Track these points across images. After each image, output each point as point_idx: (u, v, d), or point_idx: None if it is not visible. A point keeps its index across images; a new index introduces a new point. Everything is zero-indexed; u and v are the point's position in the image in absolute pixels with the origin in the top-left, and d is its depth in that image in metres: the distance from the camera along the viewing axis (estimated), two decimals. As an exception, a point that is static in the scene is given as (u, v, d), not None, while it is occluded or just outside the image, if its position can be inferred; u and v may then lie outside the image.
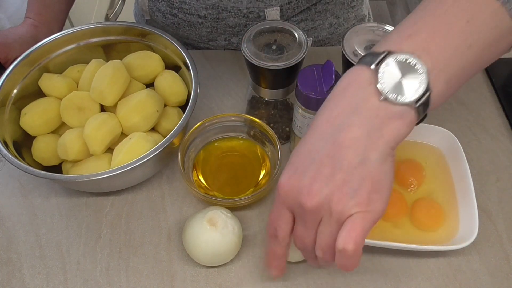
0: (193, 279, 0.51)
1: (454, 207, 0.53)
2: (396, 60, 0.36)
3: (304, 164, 0.37)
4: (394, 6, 2.21)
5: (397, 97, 0.36)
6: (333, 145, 0.36)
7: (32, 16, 0.70)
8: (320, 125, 0.38)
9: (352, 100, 0.37)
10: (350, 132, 0.36)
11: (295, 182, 0.38)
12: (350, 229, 0.36)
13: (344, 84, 0.38)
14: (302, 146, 0.39)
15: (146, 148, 0.51)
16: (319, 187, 0.36)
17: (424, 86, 0.36)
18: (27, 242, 0.54)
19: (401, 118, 0.36)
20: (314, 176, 0.37)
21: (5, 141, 0.54)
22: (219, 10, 0.67)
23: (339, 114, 0.37)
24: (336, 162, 0.36)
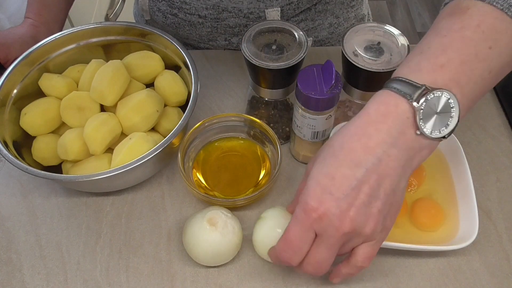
0: (193, 279, 0.51)
1: (454, 207, 0.53)
2: (434, 96, 0.37)
3: (341, 189, 0.38)
4: (394, 6, 2.21)
5: (432, 132, 0.38)
6: (375, 174, 0.38)
7: (32, 16, 0.70)
8: (356, 151, 0.38)
9: (391, 131, 0.38)
10: (389, 163, 0.38)
11: (331, 206, 0.38)
12: (370, 250, 0.41)
13: (382, 111, 0.39)
14: (335, 169, 0.39)
15: (146, 148, 0.51)
16: (356, 213, 0.38)
17: (455, 120, 0.38)
18: (27, 242, 0.54)
19: (429, 147, 0.39)
20: (351, 202, 0.38)
21: (5, 141, 0.54)
22: (220, 10, 0.67)
23: (379, 144, 0.38)
24: (374, 191, 0.38)
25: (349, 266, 0.42)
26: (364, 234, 0.39)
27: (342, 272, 0.44)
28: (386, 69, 0.49)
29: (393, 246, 0.49)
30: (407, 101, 0.38)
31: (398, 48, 0.51)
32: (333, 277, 0.45)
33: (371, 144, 0.38)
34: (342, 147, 0.39)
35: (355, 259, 0.41)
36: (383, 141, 0.38)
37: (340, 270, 0.44)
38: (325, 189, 0.38)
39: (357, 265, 0.41)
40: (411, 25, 2.10)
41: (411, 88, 0.38)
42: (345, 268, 0.43)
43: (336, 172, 0.38)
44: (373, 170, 0.38)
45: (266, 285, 0.50)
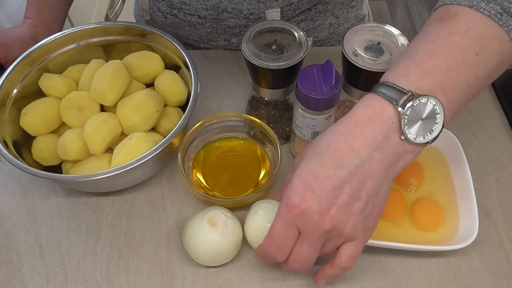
0: (193, 279, 0.51)
1: (454, 207, 0.53)
2: (420, 102, 0.38)
3: (323, 188, 0.39)
4: (394, 6, 2.21)
5: (417, 138, 0.39)
6: (357, 176, 0.39)
7: (31, 16, 0.70)
8: (341, 152, 0.39)
9: (376, 135, 0.39)
10: (372, 166, 0.39)
11: (313, 204, 0.39)
12: (352, 252, 0.42)
13: (368, 114, 0.39)
14: (319, 167, 0.39)
15: (146, 148, 0.51)
16: (337, 212, 0.39)
17: (440, 127, 0.39)
18: (27, 242, 0.54)
19: (414, 152, 0.40)
20: (333, 201, 0.39)
21: (5, 141, 0.54)
22: (219, 11, 0.67)
23: (363, 146, 0.39)
24: (356, 192, 0.39)
25: (333, 267, 0.43)
26: (345, 232, 0.40)
27: (326, 274, 0.44)
28: (386, 69, 0.49)
29: (393, 246, 0.49)
30: (393, 106, 0.38)
31: (398, 48, 0.51)
32: (318, 279, 0.46)
33: (356, 146, 0.39)
34: (328, 147, 0.40)
35: (339, 260, 0.42)
36: (368, 144, 0.38)
37: (325, 272, 0.45)
38: (308, 186, 0.39)
39: (340, 266, 0.42)
40: (411, 25, 2.10)
41: (398, 93, 0.38)
42: (329, 269, 0.44)
43: (320, 170, 0.39)
44: (356, 172, 0.38)
45: (266, 285, 0.50)
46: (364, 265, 0.51)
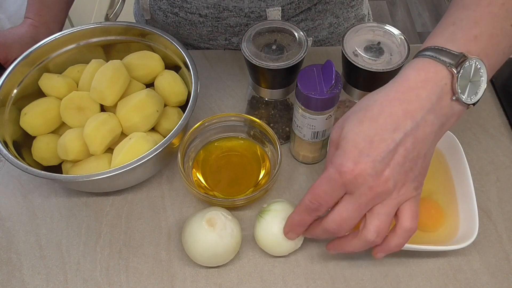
0: (193, 279, 0.51)
1: (454, 207, 0.53)
2: (470, 64, 0.40)
3: (379, 151, 0.39)
4: (394, 6, 2.21)
5: (466, 99, 0.40)
6: (411, 138, 0.39)
7: (31, 16, 0.70)
8: (396, 115, 0.40)
9: (430, 97, 0.40)
10: (425, 128, 0.40)
11: (368, 167, 0.39)
12: (412, 211, 0.42)
13: (422, 77, 0.40)
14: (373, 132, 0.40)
15: (146, 148, 0.51)
16: (391, 173, 0.40)
17: (483, 88, 0.41)
18: (27, 242, 0.54)
19: (458, 115, 0.42)
20: (388, 163, 0.39)
21: (5, 141, 0.54)
22: (221, 9, 0.67)
23: (418, 109, 0.40)
24: (409, 153, 0.40)
25: (397, 234, 0.42)
26: (400, 194, 0.41)
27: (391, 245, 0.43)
28: (386, 69, 0.49)
29: (393, 246, 0.48)
30: (446, 67, 0.40)
31: (398, 48, 0.51)
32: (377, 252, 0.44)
33: (411, 109, 0.39)
34: (381, 111, 0.40)
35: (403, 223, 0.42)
36: (422, 106, 0.39)
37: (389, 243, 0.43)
38: (362, 151, 0.39)
39: (406, 229, 0.42)
40: (411, 25, 2.10)
41: (450, 56, 0.40)
42: (393, 238, 0.43)
43: (375, 135, 0.40)
44: (411, 134, 0.39)
45: (266, 285, 0.50)
46: (364, 265, 0.51)
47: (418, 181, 0.42)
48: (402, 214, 0.42)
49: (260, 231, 0.50)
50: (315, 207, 0.43)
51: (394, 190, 0.40)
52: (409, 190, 0.41)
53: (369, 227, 0.42)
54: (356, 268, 0.51)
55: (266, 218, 0.49)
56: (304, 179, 0.58)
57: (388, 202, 0.41)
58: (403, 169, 0.40)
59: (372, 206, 0.41)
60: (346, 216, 0.42)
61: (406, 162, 0.40)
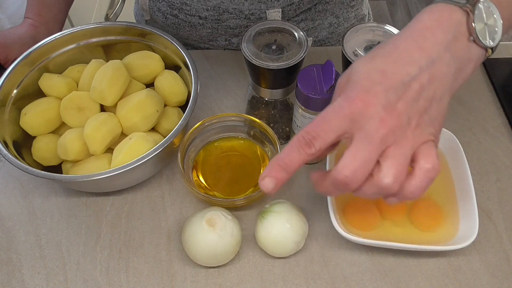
0: (193, 279, 0.51)
1: (454, 207, 0.53)
2: (483, 5, 0.39)
3: (392, 82, 0.36)
4: (394, 6, 2.21)
5: (483, 40, 0.39)
6: (427, 74, 0.37)
7: (31, 16, 0.70)
8: (411, 51, 0.38)
9: (445, 36, 0.38)
10: (442, 67, 0.37)
11: (381, 96, 0.36)
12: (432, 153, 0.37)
13: (436, 17, 0.39)
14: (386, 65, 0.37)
15: (146, 148, 0.51)
16: (405, 108, 0.36)
17: (500, 32, 0.40)
18: (27, 242, 0.54)
19: (476, 61, 0.39)
20: (401, 96, 0.36)
21: (5, 141, 0.54)
22: (220, 11, 0.67)
23: (433, 46, 0.38)
24: (424, 90, 0.37)
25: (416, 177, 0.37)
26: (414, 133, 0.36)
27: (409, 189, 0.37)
28: (386, 69, 0.49)
29: (393, 246, 0.48)
30: (460, 8, 0.38)
31: (398, 48, 0.51)
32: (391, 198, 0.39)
33: (427, 45, 0.38)
34: (396, 47, 0.38)
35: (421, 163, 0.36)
36: (438, 43, 0.38)
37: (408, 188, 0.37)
38: (375, 81, 0.36)
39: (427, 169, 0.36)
40: (411, 25, 2.10)
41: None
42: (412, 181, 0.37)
43: (388, 68, 0.37)
44: (426, 70, 0.37)
45: (266, 285, 0.50)
46: (364, 265, 0.51)
47: (434, 127, 0.38)
48: (421, 156, 0.37)
49: (261, 232, 0.50)
50: (308, 138, 0.36)
51: (408, 127, 0.36)
52: (424, 132, 0.37)
53: (385, 169, 0.36)
54: (356, 268, 0.51)
55: (267, 219, 0.49)
56: (304, 179, 0.58)
57: (403, 143, 0.36)
58: (418, 107, 0.36)
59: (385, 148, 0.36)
60: (359, 160, 0.35)
61: (421, 100, 0.36)
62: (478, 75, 0.69)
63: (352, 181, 0.36)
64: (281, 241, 0.49)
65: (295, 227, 0.49)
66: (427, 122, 0.37)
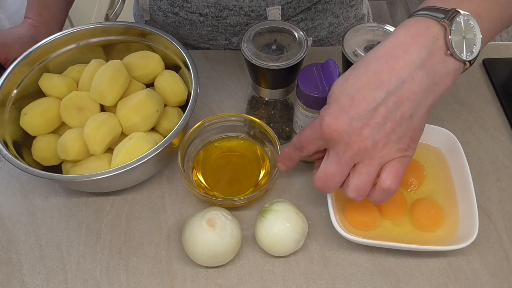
0: (193, 279, 0.51)
1: (454, 207, 0.53)
2: (462, 19, 0.39)
3: (358, 110, 0.39)
4: (394, 6, 2.21)
5: (461, 54, 0.39)
6: (394, 97, 0.38)
7: (31, 16, 0.70)
8: (381, 73, 0.39)
9: (420, 52, 0.38)
10: (411, 87, 0.38)
11: (345, 124, 0.39)
12: (393, 171, 0.41)
13: (411, 32, 0.39)
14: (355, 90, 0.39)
15: (146, 148, 0.51)
16: (370, 132, 0.39)
17: (478, 47, 0.40)
18: (27, 242, 0.54)
19: (454, 74, 0.40)
20: (366, 122, 0.39)
21: (5, 141, 0.54)
22: (221, 8, 0.68)
23: (405, 65, 0.38)
24: (390, 113, 0.39)
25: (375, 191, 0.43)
26: (381, 154, 0.40)
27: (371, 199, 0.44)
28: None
29: (393, 246, 0.48)
30: (438, 22, 0.39)
31: (398, 48, 0.51)
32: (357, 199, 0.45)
33: (397, 66, 0.39)
34: (367, 69, 0.40)
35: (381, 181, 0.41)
36: (411, 62, 0.38)
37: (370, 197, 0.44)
38: (342, 108, 0.40)
39: (384, 187, 0.41)
40: (411, 25, 2.10)
41: (441, 11, 0.39)
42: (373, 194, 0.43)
43: (357, 93, 0.39)
44: (394, 93, 0.38)
45: (266, 285, 0.50)
46: (364, 265, 0.51)
47: (404, 142, 0.40)
48: (383, 174, 0.41)
49: (261, 231, 0.50)
50: (298, 147, 0.45)
51: (373, 149, 0.40)
52: (391, 151, 0.40)
53: (350, 185, 0.42)
54: (356, 268, 0.51)
55: (268, 218, 0.49)
56: (304, 179, 0.58)
57: (369, 162, 0.41)
58: (384, 129, 0.39)
59: (354, 165, 0.41)
60: (329, 173, 0.42)
61: (387, 122, 0.39)
62: (478, 75, 0.69)
63: (326, 190, 0.44)
64: (281, 240, 0.49)
65: (295, 226, 0.49)
66: (395, 141, 0.40)
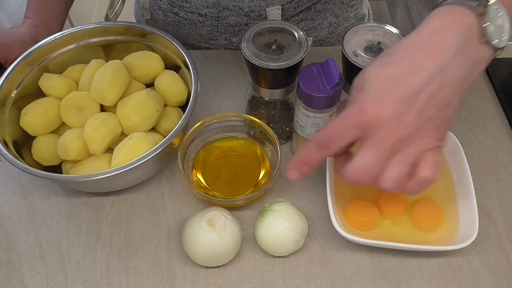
0: (193, 279, 0.51)
1: (454, 207, 0.53)
2: (493, 7, 0.39)
3: (402, 94, 0.38)
4: (394, 6, 2.21)
5: (495, 41, 0.39)
6: (436, 82, 0.38)
7: (31, 16, 0.70)
8: (421, 58, 0.38)
9: (456, 40, 0.38)
10: (453, 71, 0.38)
11: (390, 108, 0.37)
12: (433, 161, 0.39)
13: (447, 20, 0.39)
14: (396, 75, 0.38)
15: (146, 148, 0.51)
16: (413, 118, 0.38)
17: (508, 32, 0.40)
18: (27, 242, 0.54)
19: (486, 61, 0.40)
20: (410, 107, 0.38)
21: (5, 141, 0.54)
22: (220, 8, 0.68)
23: (445, 51, 0.38)
24: (432, 99, 0.38)
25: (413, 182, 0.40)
26: (418, 142, 0.39)
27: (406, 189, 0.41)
28: (386, 69, 0.49)
29: (393, 246, 0.49)
30: (472, 10, 0.38)
31: (398, 48, 0.51)
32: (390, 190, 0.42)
33: (438, 51, 0.38)
34: (406, 54, 0.39)
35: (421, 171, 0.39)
36: (449, 48, 0.38)
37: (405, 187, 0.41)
38: (385, 93, 0.38)
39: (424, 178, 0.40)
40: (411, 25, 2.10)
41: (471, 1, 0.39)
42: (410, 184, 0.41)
43: (398, 78, 0.38)
44: (435, 78, 0.38)
45: (266, 285, 0.50)
46: (364, 265, 0.51)
47: (441, 131, 0.40)
48: (423, 163, 0.39)
49: (261, 231, 0.50)
50: (325, 142, 0.41)
51: (415, 136, 0.38)
52: (431, 139, 0.39)
53: (387, 176, 0.39)
54: (356, 268, 0.51)
55: (267, 218, 0.49)
56: (304, 179, 0.58)
57: (408, 151, 0.39)
58: (426, 115, 0.38)
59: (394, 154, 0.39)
60: (367, 164, 0.39)
61: (430, 108, 0.38)
62: (478, 75, 0.69)
63: (358, 182, 0.40)
64: (281, 240, 0.49)
65: (295, 225, 0.49)
66: (433, 129, 0.39)
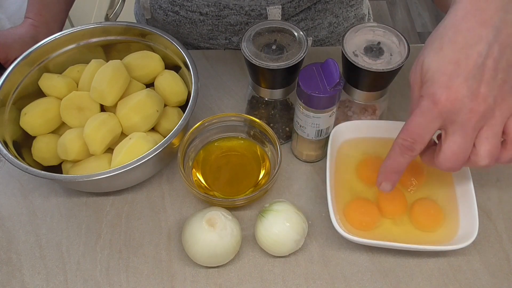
0: (193, 279, 0.51)
1: (454, 207, 0.53)
2: None
3: (468, 69, 0.37)
4: (394, 6, 2.21)
5: None
6: (496, 46, 0.37)
7: (32, 16, 0.70)
8: (474, 29, 0.38)
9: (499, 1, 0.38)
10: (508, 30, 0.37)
11: (463, 88, 0.37)
12: None
13: None
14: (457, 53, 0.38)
15: (146, 148, 0.51)
16: (487, 89, 0.37)
17: None
18: (27, 242, 0.54)
19: None
20: (480, 79, 0.37)
21: (5, 141, 0.54)
22: (221, 7, 0.68)
23: (493, 14, 0.37)
24: (498, 63, 0.37)
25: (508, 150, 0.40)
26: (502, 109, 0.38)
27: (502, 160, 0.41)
28: (386, 69, 0.49)
29: (393, 246, 0.49)
30: None
31: (398, 48, 0.51)
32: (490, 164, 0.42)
33: (486, 16, 0.38)
34: (458, 30, 0.38)
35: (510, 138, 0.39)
36: (497, 8, 0.38)
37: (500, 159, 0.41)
38: (452, 75, 0.38)
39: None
40: (411, 25, 2.10)
41: None
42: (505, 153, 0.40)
43: (459, 55, 0.38)
44: (495, 42, 0.37)
45: (266, 285, 0.50)
46: (364, 265, 0.51)
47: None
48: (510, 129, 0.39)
49: (261, 231, 0.50)
50: (408, 144, 0.41)
51: (495, 107, 0.38)
52: (509, 104, 0.38)
53: (481, 153, 0.39)
54: (356, 268, 0.51)
55: (267, 218, 0.49)
56: (305, 179, 0.58)
57: (492, 122, 0.38)
58: (497, 82, 0.38)
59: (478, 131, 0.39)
60: (457, 149, 0.39)
61: (498, 74, 0.37)
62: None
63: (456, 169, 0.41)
64: (281, 240, 0.49)
65: (295, 225, 0.49)
66: (508, 91, 0.38)
